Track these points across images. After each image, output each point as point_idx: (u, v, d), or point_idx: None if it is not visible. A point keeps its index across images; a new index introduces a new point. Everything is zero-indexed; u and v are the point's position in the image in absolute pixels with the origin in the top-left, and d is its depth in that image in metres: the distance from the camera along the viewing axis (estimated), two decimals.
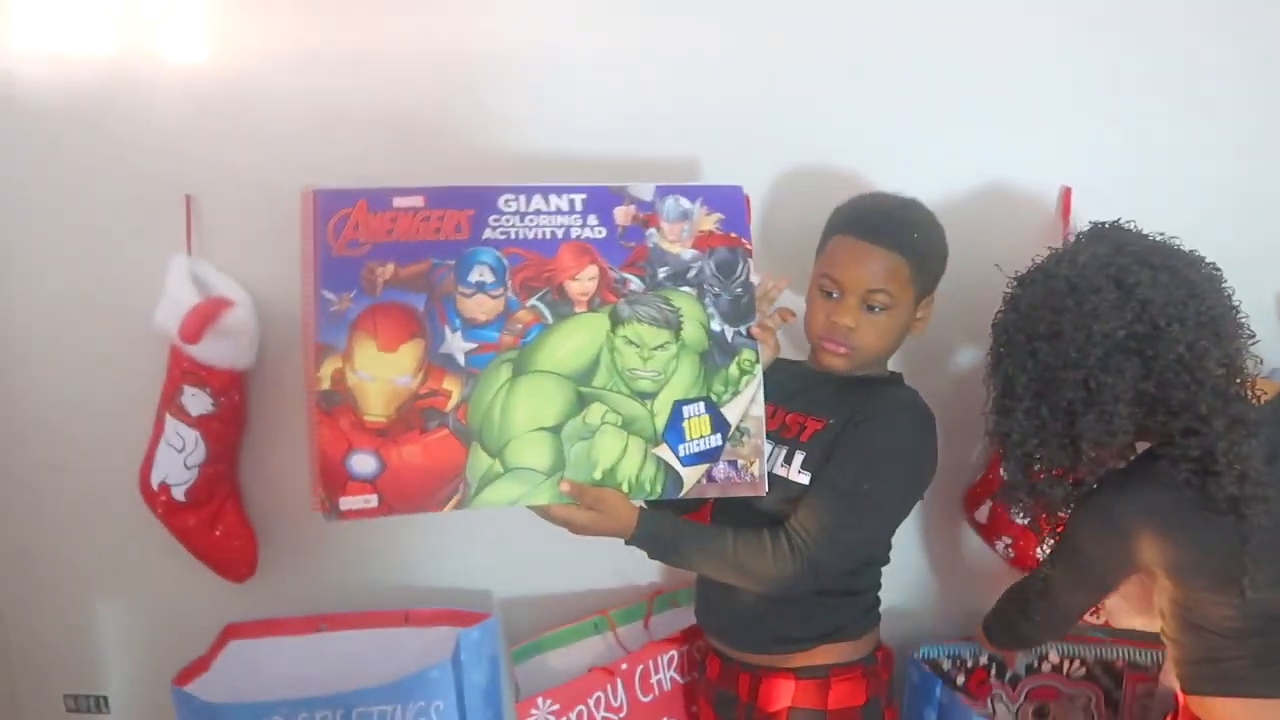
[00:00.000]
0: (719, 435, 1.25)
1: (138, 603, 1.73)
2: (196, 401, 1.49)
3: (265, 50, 1.49)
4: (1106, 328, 1.12)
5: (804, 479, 1.27)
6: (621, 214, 1.23)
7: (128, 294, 1.54)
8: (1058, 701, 1.64)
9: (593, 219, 1.22)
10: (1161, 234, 1.22)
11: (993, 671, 1.65)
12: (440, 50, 1.48)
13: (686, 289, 1.25)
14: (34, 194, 1.56)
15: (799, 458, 1.28)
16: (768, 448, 1.28)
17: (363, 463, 1.16)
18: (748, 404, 1.26)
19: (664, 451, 1.23)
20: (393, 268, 1.17)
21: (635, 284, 1.23)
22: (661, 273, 1.24)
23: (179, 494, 1.54)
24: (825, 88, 1.51)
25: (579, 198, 1.22)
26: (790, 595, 1.26)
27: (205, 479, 1.54)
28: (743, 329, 1.26)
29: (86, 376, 1.63)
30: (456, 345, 1.18)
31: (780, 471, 1.29)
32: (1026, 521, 1.39)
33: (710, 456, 1.25)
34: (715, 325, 1.26)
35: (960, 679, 1.63)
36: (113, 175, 1.54)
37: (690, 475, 1.24)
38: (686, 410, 1.23)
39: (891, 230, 1.26)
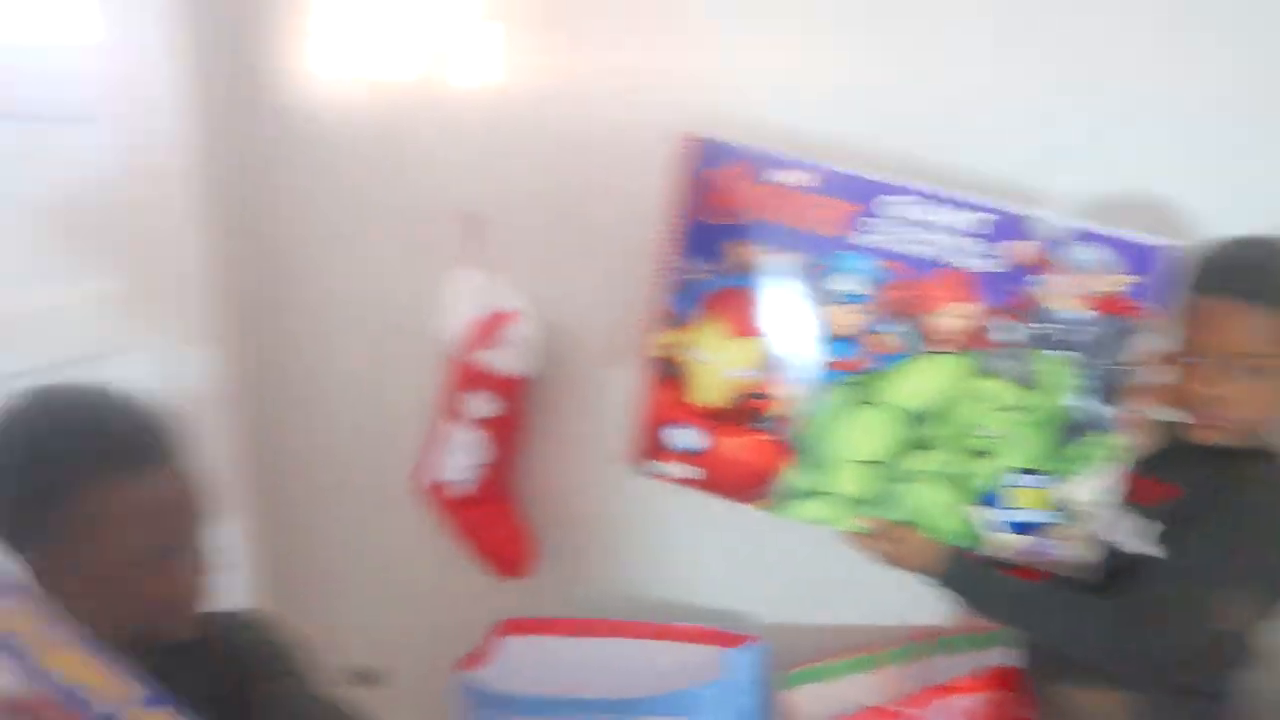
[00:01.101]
0: (1047, 512, 1.15)
1: (417, 590, 1.80)
2: (478, 405, 1.54)
3: (556, 75, 1.52)
4: None
5: (1147, 550, 1.14)
6: (1020, 250, 1.10)
7: (419, 302, 1.60)
8: None
9: (986, 247, 1.10)
10: None
11: None
12: (733, 71, 1.43)
13: (1063, 354, 1.12)
14: (339, 208, 1.67)
15: (1143, 527, 1.16)
16: (1111, 514, 1.17)
17: (683, 437, 1.17)
18: (1092, 489, 1.15)
19: (980, 513, 1.16)
20: (760, 251, 1.11)
21: (1008, 335, 1.11)
22: (1041, 329, 1.11)
23: (457, 491, 1.59)
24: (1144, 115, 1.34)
25: (981, 219, 1.10)
26: (1127, 677, 1.14)
27: (483, 479, 1.59)
28: (1112, 411, 1.12)
29: (376, 377, 1.72)
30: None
31: (1121, 540, 1.17)
32: None
33: (1030, 530, 1.16)
34: (1082, 400, 1.13)
35: None
36: (411, 192, 1.62)
37: (999, 541, 1.16)
38: (1020, 480, 1.15)
39: (1267, 283, 1.09)
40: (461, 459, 1.59)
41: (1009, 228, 1.09)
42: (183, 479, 0.88)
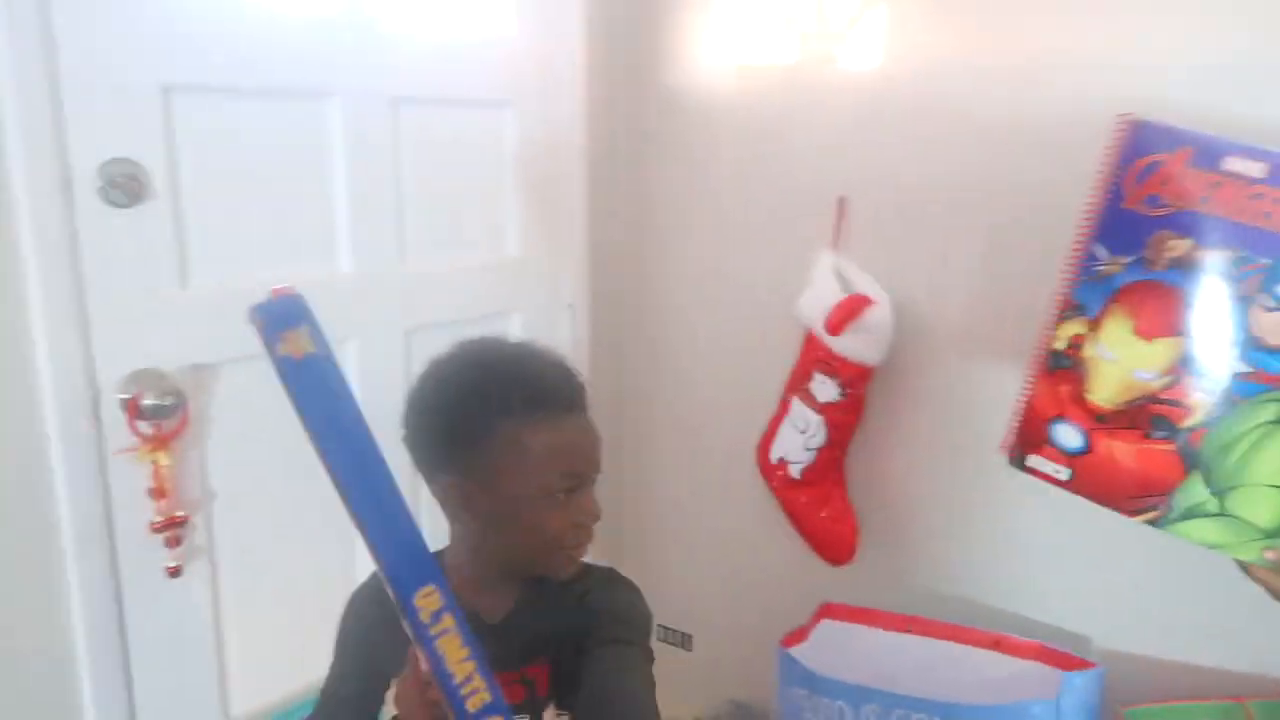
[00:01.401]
0: None
1: (745, 561, 1.84)
2: (825, 389, 1.55)
3: (932, 60, 1.47)
4: None
5: None
6: None
7: (783, 281, 1.63)
8: None
9: None
10: None
11: None
12: (1142, 50, 1.32)
13: None
14: (714, 187, 1.74)
15: None
16: None
17: (1067, 435, 1.09)
18: None
19: None
20: (1189, 245, 1.00)
21: None
22: None
23: (795, 471, 1.62)
24: None
25: None
26: None
27: (820, 462, 1.60)
28: None
29: (735, 353, 1.77)
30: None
31: None
32: None
33: None
34: None
35: None
36: (783, 173, 1.65)
37: None
38: None
39: None
40: (801, 440, 1.62)
41: None
42: (590, 426, 0.96)
